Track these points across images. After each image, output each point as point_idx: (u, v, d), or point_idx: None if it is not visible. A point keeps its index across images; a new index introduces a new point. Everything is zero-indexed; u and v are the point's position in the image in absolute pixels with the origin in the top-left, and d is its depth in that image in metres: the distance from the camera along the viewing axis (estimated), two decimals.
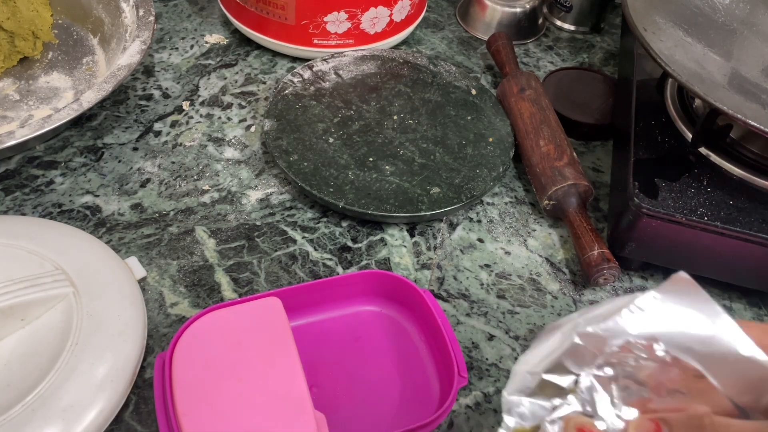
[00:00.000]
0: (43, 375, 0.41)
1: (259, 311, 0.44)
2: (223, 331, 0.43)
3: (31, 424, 0.39)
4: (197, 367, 0.41)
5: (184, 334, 0.43)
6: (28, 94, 0.64)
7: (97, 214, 0.55)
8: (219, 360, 0.42)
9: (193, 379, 0.41)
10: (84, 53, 0.68)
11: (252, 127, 0.65)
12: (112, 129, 0.63)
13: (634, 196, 0.51)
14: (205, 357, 0.42)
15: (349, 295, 0.50)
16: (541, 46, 0.79)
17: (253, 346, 0.43)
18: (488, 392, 0.47)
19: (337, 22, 0.67)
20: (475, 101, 0.66)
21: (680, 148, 0.55)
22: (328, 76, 0.67)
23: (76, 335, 0.43)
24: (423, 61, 0.69)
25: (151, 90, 0.67)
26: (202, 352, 0.42)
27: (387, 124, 0.63)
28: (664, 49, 0.52)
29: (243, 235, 0.55)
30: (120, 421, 0.43)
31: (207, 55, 0.72)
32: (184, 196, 0.58)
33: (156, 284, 0.51)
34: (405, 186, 0.58)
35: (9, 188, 0.57)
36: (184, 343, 0.42)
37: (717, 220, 0.49)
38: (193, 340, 0.43)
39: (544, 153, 0.59)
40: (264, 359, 0.42)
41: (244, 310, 0.44)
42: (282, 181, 0.60)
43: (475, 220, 0.59)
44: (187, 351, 0.42)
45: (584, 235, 0.54)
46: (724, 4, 0.59)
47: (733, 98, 0.50)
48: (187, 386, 0.40)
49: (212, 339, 0.43)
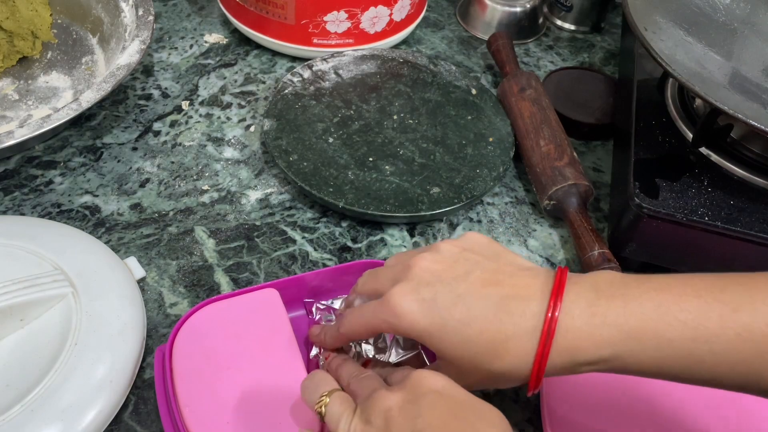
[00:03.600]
0: (43, 375, 0.41)
1: (258, 303, 0.45)
2: (222, 322, 0.43)
3: (30, 424, 0.39)
4: (197, 358, 0.42)
5: (183, 327, 0.43)
6: (27, 93, 0.64)
7: (97, 214, 0.55)
8: (218, 351, 0.42)
9: (193, 370, 0.41)
10: (83, 53, 0.68)
11: (251, 126, 0.64)
12: (112, 129, 0.63)
13: (635, 196, 0.51)
14: (205, 348, 0.42)
15: (346, 286, 0.50)
16: (542, 46, 0.79)
17: (252, 337, 0.43)
18: (488, 392, 0.47)
19: (336, 22, 0.67)
20: (476, 101, 0.66)
21: (681, 148, 0.55)
22: (327, 76, 0.67)
23: (76, 335, 0.43)
24: (423, 60, 0.69)
25: (150, 90, 0.67)
26: (202, 344, 0.42)
27: (387, 123, 0.63)
28: (665, 49, 0.52)
29: (242, 235, 0.55)
30: (119, 421, 0.43)
31: (206, 55, 0.72)
32: (183, 196, 0.58)
33: (155, 284, 0.51)
34: (405, 186, 0.57)
35: (8, 188, 0.56)
36: (184, 335, 0.43)
37: (718, 220, 0.49)
38: (192, 332, 0.43)
39: (544, 153, 0.58)
40: (263, 349, 0.42)
41: (243, 302, 0.45)
42: (282, 181, 0.60)
43: (475, 220, 0.59)
44: (187, 343, 0.42)
45: (585, 235, 0.54)
46: (724, 4, 0.59)
47: (734, 98, 0.50)
48: (187, 378, 0.41)
49: (211, 330, 0.43)
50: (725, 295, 0.33)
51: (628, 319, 0.33)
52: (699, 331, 0.32)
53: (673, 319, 0.33)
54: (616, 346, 0.33)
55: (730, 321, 0.32)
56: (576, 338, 0.34)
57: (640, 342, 0.33)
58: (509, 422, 0.33)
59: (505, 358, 0.35)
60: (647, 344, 0.33)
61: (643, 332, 0.33)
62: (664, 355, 0.33)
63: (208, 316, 0.44)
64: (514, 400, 0.47)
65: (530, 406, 0.46)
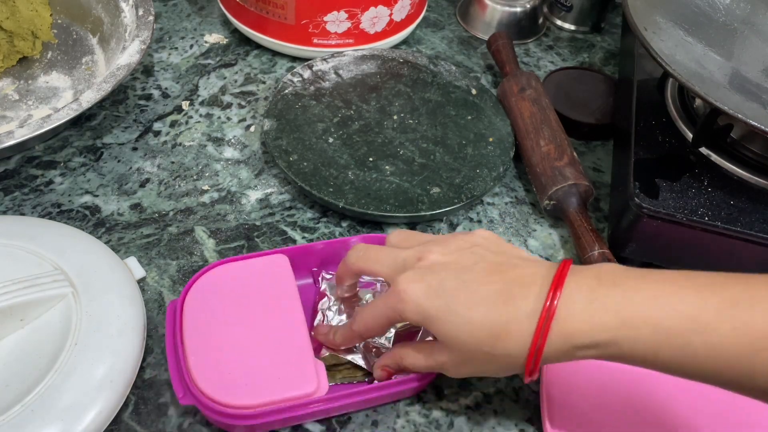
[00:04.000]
0: (43, 375, 0.41)
1: (267, 266, 0.47)
2: (232, 282, 0.46)
3: (30, 424, 0.39)
4: (206, 313, 0.44)
5: (195, 284, 0.45)
6: (28, 93, 0.64)
7: (97, 214, 0.55)
8: (227, 308, 0.45)
9: (201, 324, 0.43)
10: (83, 53, 0.68)
11: (252, 126, 0.64)
12: (112, 129, 0.63)
13: (635, 196, 0.51)
14: (214, 305, 0.45)
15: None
16: (542, 46, 0.79)
17: (260, 297, 0.45)
18: (489, 392, 0.47)
19: (336, 22, 0.67)
20: (476, 101, 0.66)
21: (681, 148, 0.55)
22: (327, 76, 0.67)
23: (76, 335, 0.43)
24: (423, 60, 0.69)
25: (150, 90, 0.67)
26: (211, 301, 0.45)
27: (387, 123, 0.63)
28: (665, 49, 0.52)
29: (242, 235, 0.55)
30: (119, 421, 0.43)
31: (206, 55, 0.72)
32: (183, 196, 0.58)
33: (155, 284, 0.51)
34: (405, 186, 0.57)
35: (8, 188, 0.56)
36: (195, 292, 0.45)
37: (718, 220, 0.49)
38: (203, 289, 0.45)
39: (544, 153, 0.58)
40: (269, 310, 0.45)
41: (253, 265, 0.47)
42: (282, 181, 0.60)
43: (475, 220, 0.59)
44: (198, 299, 0.45)
45: (585, 235, 0.54)
46: (724, 4, 0.59)
47: (734, 98, 0.50)
48: (195, 331, 0.43)
49: (221, 289, 0.46)
50: (725, 291, 0.33)
51: (626, 306, 0.34)
52: (695, 323, 0.32)
53: (670, 309, 0.33)
54: (613, 331, 0.34)
55: (727, 315, 0.32)
56: (574, 322, 0.34)
57: (637, 329, 0.33)
58: (509, 422, 0.33)
59: (506, 341, 0.35)
60: (643, 331, 0.33)
61: (640, 319, 0.33)
62: (660, 343, 0.33)
63: (219, 275, 0.46)
64: (515, 400, 0.47)
65: (530, 406, 0.46)
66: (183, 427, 0.44)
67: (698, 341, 0.32)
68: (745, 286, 0.33)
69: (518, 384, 0.47)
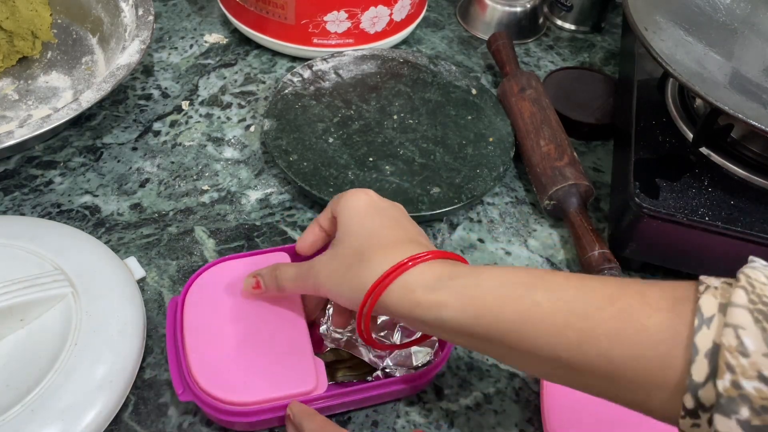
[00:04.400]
0: (42, 375, 0.41)
1: (268, 264, 0.47)
2: (233, 279, 0.46)
3: (30, 424, 0.39)
4: (206, 310, 0.44)
5: (196, 281, 0.46)
6: (27, 93, 0.64)
7: (96, 214, 0.55)
8: (227, 305, 0.45)
9: (202, 320, 0.44)
10: (83, 53, 0.68)
11: (251, 126, 0.64)
12: (112, 129, 0.63)
13: (635, 196, 0.51)
14: (215, 302, 0.45)
15: None
16: (542, 46, 0.79)
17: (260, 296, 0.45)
18: (488, 392, 0.47)
19: (336, 22, 0.67)
20: (476, 101, 0.66)
21: (681, 147, 0.55)
22: (327, 76, 0.67)
23: (75, 335, 0.43)
24: (423, 60, 0.69)
25: (150, 90, 0.67)
26: (212, 297, 0.45)
27: (387, 123, 0.63)
28: (665, 49, 0.52)
29: (242, 235, 0.55)
30: (119, 421, 0.43)
31: (206, 55, 0.72)
32: (183, 196, 0.58)
33: (155, 284, 0.51)
34: (405, 186, 0.57)
35: (8, 188, 0.56)
36: (196, 289, 0.45)
37: (718, 220, 0.49)
38: (205, 286, 0.46)
39: (544, 153, 0.58)
40: (270, 307, 0.45)
41: (254, 262, 0.47)
42: (282, 181, 0.60)
43: (475, 220, 0.59)
44: (198, 295, 0.45)
45: (585, 235, 0.54)
46: (725, 4, 0.59)
47: (734, 98, 0.50)
48: (196, 327, 0.43)
49: (222, 286, 0.46)
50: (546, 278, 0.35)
51: (466, 279, 0.36)
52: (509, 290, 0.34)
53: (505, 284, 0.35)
54: (448, 291, 0.36)
55: (531, 292, 0.34)
56: (419, 279, 0.37)
57: (471, 298, 0.35)
58: (509, 422, 0.33)
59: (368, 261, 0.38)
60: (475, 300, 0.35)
61: (474, 288, 0.35)
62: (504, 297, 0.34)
63: (220, 272, 0.47)
64: (515, 400, 0.47)
65: (530, 406, 0.46)
66: (183, 427, 0.44)
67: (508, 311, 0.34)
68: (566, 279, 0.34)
69: (518, 384, 0.47)
